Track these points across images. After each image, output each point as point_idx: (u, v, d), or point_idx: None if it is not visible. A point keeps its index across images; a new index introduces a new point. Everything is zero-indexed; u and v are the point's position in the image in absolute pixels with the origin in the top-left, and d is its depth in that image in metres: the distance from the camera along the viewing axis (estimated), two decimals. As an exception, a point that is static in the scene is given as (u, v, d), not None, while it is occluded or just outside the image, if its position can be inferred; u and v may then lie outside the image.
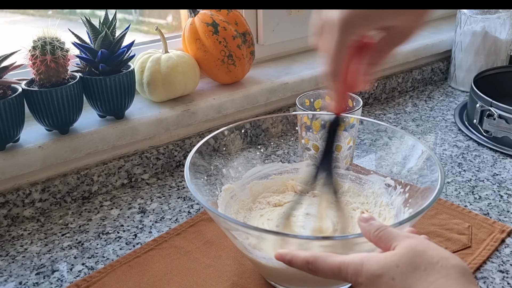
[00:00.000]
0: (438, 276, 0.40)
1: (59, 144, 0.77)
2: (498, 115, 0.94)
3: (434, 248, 0.42)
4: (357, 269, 0.42)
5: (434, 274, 0.40)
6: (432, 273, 0.40)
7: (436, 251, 0.42)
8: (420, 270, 0.40)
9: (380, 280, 0.41)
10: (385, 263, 0.41)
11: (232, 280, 0.63)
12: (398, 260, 0.41)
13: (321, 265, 0.44)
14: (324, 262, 0.44)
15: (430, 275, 0.40)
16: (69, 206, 0.80)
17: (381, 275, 0.41)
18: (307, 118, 0.79)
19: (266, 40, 1.10)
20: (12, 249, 0.70)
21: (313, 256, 0.45)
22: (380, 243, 0.45)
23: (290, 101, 1.06)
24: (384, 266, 0.41)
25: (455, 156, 0.93)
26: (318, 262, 0.44)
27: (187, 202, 0.80)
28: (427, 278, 0.40)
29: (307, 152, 0.82)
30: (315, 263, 0.44)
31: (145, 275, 0.64)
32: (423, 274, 0.40)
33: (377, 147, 0.76)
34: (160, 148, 0.89)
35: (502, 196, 0.80)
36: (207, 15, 0.92)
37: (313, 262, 0.44)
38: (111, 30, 0.79)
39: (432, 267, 0.40)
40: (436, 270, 0.40)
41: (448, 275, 0.40)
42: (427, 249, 0.42)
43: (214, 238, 0.70)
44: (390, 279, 0.40)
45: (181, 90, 0.90)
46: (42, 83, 0.74)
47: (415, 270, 0.40)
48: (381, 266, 0.41)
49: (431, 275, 0.40)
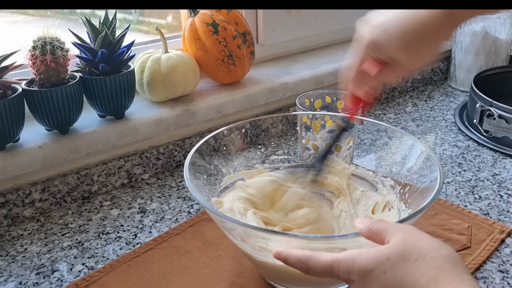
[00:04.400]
0: (429, 267, 0.39)
1: (59, 144, 0.77)
2: (498, 115, 0.94)
3: (425, 238, 0.42)
4: (349, 266, 0.42)
5: (425, 266, 0.40)
6: (423, 265, 0.40)
7: (426, 242, 0.42)
8: (411, 261, 0.40)
9: (372, 274, 0.41)
10: (376, 257, 0.41)
11: (231, 280, 0.63)
12: (389, 253, 0.41)
13: (313, 263, 0.44)
14: (316, 261, 0.44)
15: (421, 266, 0.40)
16: (69, 206, 0.80)
17: (372, 270, 0.41)
18: (307, 118, 0.79)
19: (266, 40, 1.10)
20: (12, 249, 0.70)
21: (305, 255, 0.45)
22: (375, 237, 0.45)
23: (290, 101, 1.06)
24: (375, 261, 0.41)
25: (455, 156, 0.93)
26: (310, 261, 0.44)
27: (187, 202, 0.81)
28: (418, 270, 0.40)
29: (307, 152, 0.82)
30: (307, 262, 0.44)
31: (145, 275, 0.64)
32: (414, 266, 0.40)
33: (377, 147, 0.75)
34: (160, 148, 0.89)
35: (502, 196, 0.80)
36: (207, 15, 0.92)
37: (305, 261, 0.44)
38: (111, 30, 0.79)
39: (423, 259, 0.40)
40: (426, 262, 0.40)
41: (439, 266, 0.39)
42: (418, 240, 0.42)
43: (213, 238, 0.70)
44: (381, 273, 0.40)
45: (181, 90, 0.90)
46: (42, 83, 0.74)
47: (406, 262, 0.40)
48: (372, 261, 0.41)
49: (422, 267, 0.40)
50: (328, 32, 1.23)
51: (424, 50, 0.54)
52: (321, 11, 1.17)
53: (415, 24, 0.52)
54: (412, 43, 0.53)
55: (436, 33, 0.52)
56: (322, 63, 1.12)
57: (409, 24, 0.52)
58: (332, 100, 0.86)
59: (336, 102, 0.86)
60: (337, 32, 1.25)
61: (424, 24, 0.51)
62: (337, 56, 1.17)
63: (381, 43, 0.54)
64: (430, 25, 0.51)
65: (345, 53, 1.19)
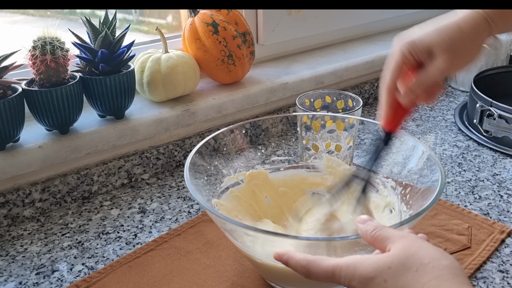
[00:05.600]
0: (430, 277, 0.39)
1: (59, 144, 0.77)
2: (498, 115, 0.94)
3: (427, 248, 0.42)
4: (350, 272, 0.42)
5: (426, 275, 0.40)
6: (423, 274, 0.40)
7: (427, 251, 0.42)
8: (412, 271, 0.40)
9: (373, 282, 0.41)
10: (377, 265, 0.41)
11: (232, 280, 0.63)
12: (390, 262, 0.41)
13: (314, 269, 0.44)
14: (317, 266, 0.44)
15: (422, 276, 0.40)
16: (69, 206, 0.80)
17: (373, 278, 0.41)
18: (307, 118, 0.79)
19: (266, 40, 1.10)
20: (12, 249, 0.70)
21: (306, 260, 0.44)
22: (376, 244, 0.45)
23: (290, 101, 1.06)
24: (376, 269, 0.41)
25: (455, 156, 0.93)
26: (311, 266, 0.44)
27: (187, 202, 0.80)
28: (419, 280, 0.39)
29: (307, 152, 0.82)
30: (307, 267, 0.44)
31: (145, 276, 0.64)
32: (415, 276, 0.40)
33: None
34: (160, 148, 0.89)
35: (502, 196, 0.80)
36: (207, 15, 0.92)
37: (306, 266, 0.44)
38: (111, 30, 0.79)
39: (424, 268, 0.40)
40: (427, 271, 0.40)
41: (440, 276, 0.39)
42: (420, 249, 0.42)
43: (214, 239, 0.70)
44: (382, 281, 0.40)
45: (181, 90, 0.90)
46: (42, 83, 0.74)
47: (407, 271, 0.40)
48: (373, 269, 0.41)
49: (422, 277, 0.40)
50: (328, 32, 1.23)
51: (461, 44, 0.53)
52: (321, 11, 1.17)
53: (452, 20, 0.53)
54: (449, 33, 0.53)
55: (473, 28, 0.53)
56: (322, 63, 1.12)
57: (446, 22, 0.54)
58: (332, 100, 0.86)
59: (336, 102, 0.86)
60: (337, 32, 1.25)
61: (460, 20, 0.53)
62: (337, 56, 1.17)
63: (418, 37, 0.54)
64: (466, 20, 0.53)
65: (345, 53, 1.19)
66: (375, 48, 1.23)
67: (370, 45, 1.25)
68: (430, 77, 0.54)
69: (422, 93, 0.55)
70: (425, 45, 0.53)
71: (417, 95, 0.55)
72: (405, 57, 0.54)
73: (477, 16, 0.53)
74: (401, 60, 0.55)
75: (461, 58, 0.54)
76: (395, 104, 0.57)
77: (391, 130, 0.59)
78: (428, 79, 0.54)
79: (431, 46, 0.53)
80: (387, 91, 0.57)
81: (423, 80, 0.54)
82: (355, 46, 1.25)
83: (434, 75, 0.54)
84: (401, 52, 0.54)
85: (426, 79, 0.54)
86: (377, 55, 1.17)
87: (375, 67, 1.17)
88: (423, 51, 0.54)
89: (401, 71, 0.55)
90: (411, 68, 0.55)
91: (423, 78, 0.54)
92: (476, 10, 0.53)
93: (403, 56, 0.54)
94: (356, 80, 1.18)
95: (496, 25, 0.54)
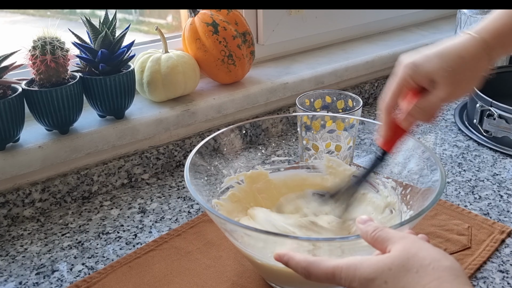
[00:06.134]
0: (430, 278, 0.39)
1: (59, 144, 0.77)
2: (498, 115, 0.94)
3: (427, 249, 0.42)
4: (350, 273, 0.42)
5: (426, 277, 0.40)
6: (424, 276, 0.40)
7: (428, 252, 0.41)
8: (412, 272, 0.40)
9: (373, 284, 0.41)
10: (378, 266, 0.41)
11: (232, 281, 0.63)
12: (390, 263, 0.41)
13: (314, 270, 0.44)
14: (317, 267, 0.44)
15: (422, 277, 0.40)
16: (69, 206, 0.80)
17: (374, 279, 0.41)
18: (307, 118, 0.79)
19: (266, 40, 1.10)
20: (12, 249, 0.70)
21: (306, 261, 0.45)
22: (377, 244, 0.45)
23: (290, 101, 1.06)
24: (377, 270, 0.41)
25: (455, 156, 0.93)
26: (311, 267, 0.44)
27: (187, 202, 0.80)
28: (419, 281, 0.39)
29: (307, 152, 0.82)
30: (308, 268, 0.44)
31: (146, 276, 0.64)
32: (415, 277, 0.40)
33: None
34: (160, 148, 0.89)
35: (502, 196, 0.80)
36: (207, 15, 0.92)
37: (306, 267, 0.44)
38: (111, 30, 0.79)
39: (424, 270, 0.40)
40: (427, 273, 0.40)
41: (440, 277, 0.39)
42: (420, 250, 0.42)
43: (214, 239, 0.70)
44: (383, 282, 0.40)
45: (181, 90, 0.90)
46: (42, 83, 0.74)
47: (407, 272, 0.40)
48: (374, 270, 0.41)
49: (423, 278, 0.40)
50: (328, 32, 1.22)
51: (462, 73, 0.54)
52: (321, 11, 1.17)
53: (453, 46, 0.55)
54: (450, 61, 0.54)
55: (473, 57, 0.54)
56: (322, 63, 1.12)
57: (448, 47, 0.55)
58: (332, 100, 0.86)
59: (336, 102, 0.86)
60: (337, 32, 1.25)
61: (461, 47, 0.54)
62: (337, 56, 1.17)
63: (419, 62, 0.55)
64: (467, 48, 0.54)
65: (345, 53, 1.19)
66: (375, 48, 1.23)
67: (370, 45, 1.25)
68: (430, 105, 0.56)
69: (421, 117, 0.57)
70: (427, 72, 0.55)
71: (417, 119, 0.57)
72: (406, 81, 0.56)
73: (478, 45, 0.55)
74: (402, 83, 0.57)
75: (461, 87, 0.55)
76: (394, 124, 0.58)
77: (388, 149, 0.60)
78: (428, 106, 0.56)
79: (432, 73, 0.55)
80: (386, 111, 0.58)
81: (423, 106, 0.56)
82: (355, 46, 1.25)
83: (435, 103, 0.55)
84: (403, 75, 0.56)
85: (426, 106, 0.56)
86: (377, 55, 1.17)
87: (375, 67, 1.17)
88: (424, 77, 0.55)
89: (402, 93, 0.57)
90: (412, 90, 0.57)
91: (424, 104, 0.56)
92: (476, 38, 0.55)
93: (404, 80, 0.56)
94: (356, 80, 1.18)
95: (496, 52, 0.55)
